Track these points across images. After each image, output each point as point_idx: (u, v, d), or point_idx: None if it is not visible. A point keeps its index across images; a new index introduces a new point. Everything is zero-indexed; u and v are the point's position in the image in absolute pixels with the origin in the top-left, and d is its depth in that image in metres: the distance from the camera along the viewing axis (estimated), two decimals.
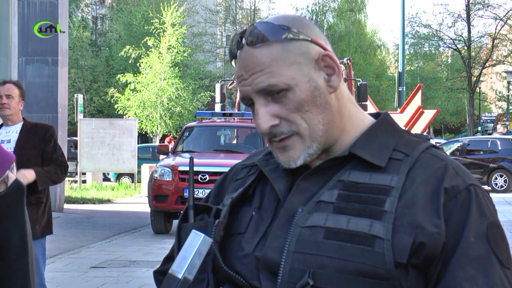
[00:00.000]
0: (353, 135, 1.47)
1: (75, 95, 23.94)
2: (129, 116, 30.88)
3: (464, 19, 43.86)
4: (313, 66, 1.44)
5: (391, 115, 1.57)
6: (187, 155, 13.48)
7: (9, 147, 5.59)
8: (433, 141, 1.49)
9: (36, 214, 5.45)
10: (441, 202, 1.37)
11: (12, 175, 1.77)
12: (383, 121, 1.51)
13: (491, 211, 1.41)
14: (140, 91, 31.85)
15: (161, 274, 1.61)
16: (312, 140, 1.44)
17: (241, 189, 1.53)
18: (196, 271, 1.43)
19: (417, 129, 17.60)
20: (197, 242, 1.44)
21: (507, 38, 45.71)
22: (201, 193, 12.27)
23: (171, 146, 14.72)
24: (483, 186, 1.48)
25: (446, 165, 1.42)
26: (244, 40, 1.46)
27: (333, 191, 1.41)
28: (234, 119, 15.10)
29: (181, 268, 1.42)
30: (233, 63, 1.49)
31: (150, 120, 32.23)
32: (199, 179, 12.37)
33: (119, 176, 26.15)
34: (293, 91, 1.42)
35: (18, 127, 5.69)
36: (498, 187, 22.62)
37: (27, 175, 5.36)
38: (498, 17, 44.09)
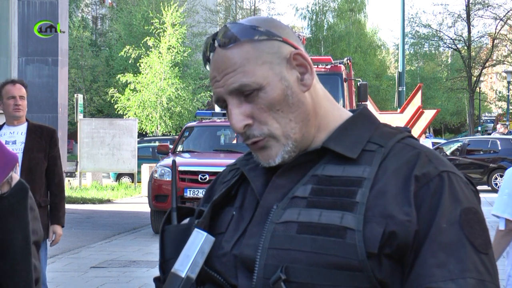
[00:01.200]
0: (329, 131, 1.48)
1: (75, 95, 23.94)
2: (129, 116, 30.88)
3: (464, 19, 43.86)
4: (285, 65, 1.45)
5: (392, 114, 1.57)
6: (187, 155, 13.48)
7: (15, 149, 5.61)
8: (429, 140, 1.48)
9: (45, 216, 5.58)
10: (412, 190, 1.37)
11: (16, 175, 1.78)
12: (359, 115, 1.51)
13: (467, 197, 1.39)
14: (140, 91, 31.86)
15: (159, 281, 1.62)
16: (286, 138, 1.44)
17: (223, 189, 1.54)
18: (199, 269, 1.43)
19: (417, 129, 17.59)
20: (199, 241, 1.44)
21: (507, 38, 45.70)
22: (201, 193, 12.27)
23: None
24: (479, 185, 1.46)
25: (419, 153, 1.42)
26: (216, 42, 1.47)
27: (307, 186, 1.42)
28: None
29: (184, 267, 1.42)
30: (207, 67, 1.50)
31: (150, 120, 32.23)
32: (199, 179, 12.38)
33: (119, 176, 26.15)
34: (265, 91, 1.43)
35: (22, 128, 5.70)
36: (498, 187, 22.61)
37: (58, 231, 5.79)
38: (498, 17, 44.09)
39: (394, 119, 16.93)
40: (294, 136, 1.45)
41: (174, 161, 1.66)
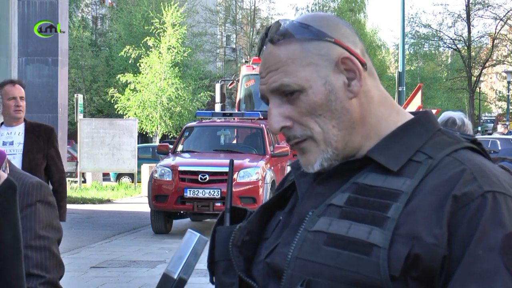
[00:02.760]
0: (378, 140, 1.39)
1: (75, 95, 23.94)
2: (129, 116, 30.88)
3: (464, 19, 43.85)
4: (332, 69, 1.37)
5: None
6: (187, 155, 13.49)
7: (12, 149, 5.61)
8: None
9: None
10: (447, 210, 1.26)
11: (4, 173, 1.77)
12: (415, 121, 1.40)
13: None
14: (140, 91, 31.86)
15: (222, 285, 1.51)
16: (327, 144, 1.37)
17: (276, 192, 1.49)
18: (192, 271, 1.42)
19: None
20: (192, 242, 1.43)
21: (507, 38, 45.68)
22: (201, 193, 12.28)
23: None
24: None
25: (464, 170, 1.29)
26: (268, 37, 1.41)
27: (345, 194, 1.34)
28: (234, 119, 15.11)
29: (176, 268, 1.41)
30: (260, 58, 1.45)
31: (150, 120, 32.23)
32: (199, 179, 12.38)
33: (119, 176, 26.14)
34: (307, 94, 1.37)
35: (20, 128, 5.69)
36: None
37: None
38: (498, 17, 44.07)
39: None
40: (336, 144, 1.37)
41: (231, 161, 1.58)
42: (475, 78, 43.97)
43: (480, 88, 48.80)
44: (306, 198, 1.40)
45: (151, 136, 36.00)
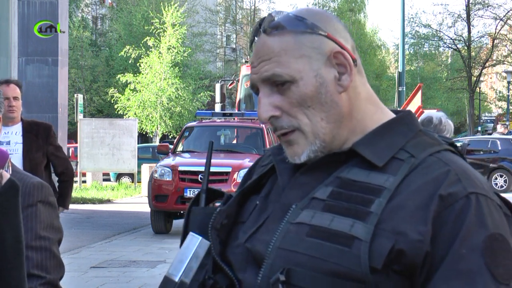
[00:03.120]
0: (363, 134, 1.42)
1: (75, 95, 23.94)
2: (129, 116, 30.88)
3: (464, 19, 43.84)
4: (324, 62, 1.40)
5: None
6: (187, 155, 13.49)
7: (9, 149, 5.61)
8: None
9: None
10: (433, 209, 1.29)
11: (6, 173, 1.76)
12: (398, 120, 1.44)
13: (495, 222, 1.30)
14: (140, 91, 31.87)
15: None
16: (315, 136, 1.40)
17: (255, 177, 1.51)
18: (193, 274, 1.42)
19: None
20: (194, 245, 1.43)
21: (507, 38, 45.68)
22: None
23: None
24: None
25: (449, 171, 1.34)
26: (261, 28, 1.44)
27: (328, 187, 1.37)
28: (234, 119, 15.11)
29: (177, 272, 1.41)
30: (251, 49, 1.48)
31: (150, 120, 32.24)
32: (199, 179, 12.38)
33: (119, 176, 26.14)
34: (297, 85, 1.39)
35: (17, 128, 5.69)
36: (498, 187, 22.61)
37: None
38: (498, 17, 44.07)
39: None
40: (324, 137, 1.40)
41: (211, 142, 1.61)
42: (475, 78, 43.96)
43: (480, 88, 48.79)
44: (289, 187, 1.42)
45: (151, 136, 36.01)
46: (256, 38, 1.45)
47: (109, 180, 26.58)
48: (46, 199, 2.24)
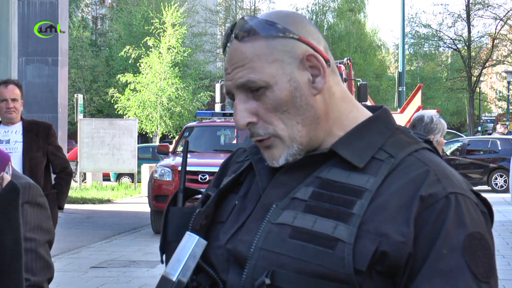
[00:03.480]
0: (341, 135, 1.42)
1: (75, 95, 23.94)
2: (129, 116, 30.88)
3: (464, 19, 43.85)
4: (297, 66, 1.40)
5: (392, 115, 1.51)
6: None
7: (8, 148, 5.61)
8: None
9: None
10: (414, 210, 1.31)
11: (7, 176, 1.76)
12: (376, 118, 1.44)
13: (474, 221, 1.33)
14: (140, 91, 31.86)
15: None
16: (292, 140, 1.40)
17: (232, 176, 1.51)
18: (191, 273, 1.42)
19: None
20: (191, 245, 1.43)
21: (507, 38, 45.68)
22: (201, 193, 12.28)
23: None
24: (479, 185, 1.40)
25: (428, 171, 1.35)
26: (233, 34, 1.43)
27: (308, 188, 1.37)
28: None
29: (175, 271, 1.41)
30: (224, 55, 1.47)
31: (150, 120, 32.23)
32: (199, 179, 12.38)
33: (119, 176, 26.14)
34: (272, 90, 1.39)
35: (17, 127, 5.70)
36: (498, 187, 22.61)
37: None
38: (498, 17, 44.08)
39: (391, 115, 16.94)
40: (300, 140, 1.40)
41: (187, 141, 1.62)
42: (475, 78, 43.97)
43: (480, 88, 48.79)
44: (270, 187, 1.42)
45: (151, 136, 36.01)
46: (228, 43, 1.44)
47: (109, 180, 26.60)
48: (34, 200, 2.23)
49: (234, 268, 1.39)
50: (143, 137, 39.92)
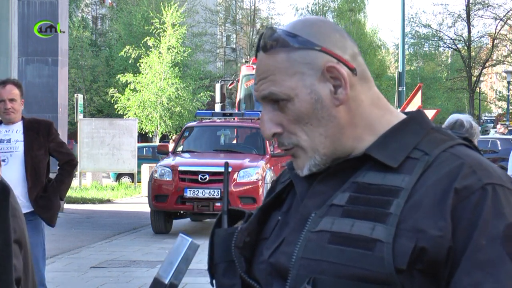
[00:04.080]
0: (373, 139, 1.42)
1: (75, 95, 23.92)
2: (129, 116, 30.88)
3: (464, 19, 43.84)
4: (317, 77, 1.40)
5: None
6: (187, 155, 13.48)
7: (9, 147, 5.61)
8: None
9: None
10: (450, 203, 1.30)
11: None
12: (409, 119, 1.43)
13: None
14: (140, 91, 31.86)
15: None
16: (314, 151, 1.40)
17: (274, 193, 1.51)
18: (183, 276, 1.42)
19: None
20: (183, 247, 1.42)
21: (507, 38, 45.68)
22: (201, 193, 12.28)
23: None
24: None
25: (463, 163, 1.34)
26: (260, 45, 1.45)
27: (345, 193, 1.37)
28: (234, 119, 15.10)
29: (167, 274, 1.41)
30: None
31: (150, 120, 32.23)
32: (199, 179, 12.37)
33: (119, 176, 26.14)
34: (293, 103, 1.40)
35: (18, 126, 5.70)
36: None
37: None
38: (498, 17, 44.07)
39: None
40: (323, 151, 1.40)
41: (226, 163, 1.60)
42: (475, 78, 43.96)
43: (480, 88, 48.78)
44: (307, 197, 1.42)
45: (151, 136, 36.00)
46: (258, 54, 1.46)
47: (108, 178, 26.59)
48: None
49: (277, 281, 1.39)
50: (143, 137, 39.91)
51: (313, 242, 1.36)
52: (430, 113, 18.93)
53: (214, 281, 1.52)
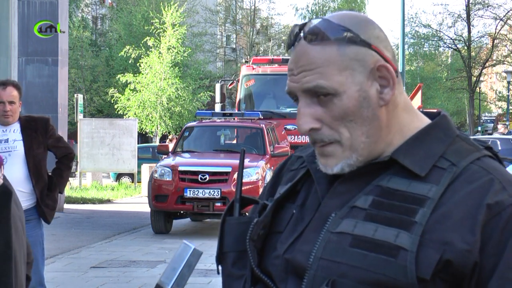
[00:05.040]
0: (399, 144, 1.39)
1: (75, 95, 23.92)
2: (129, 116, 30.88)
3: (464, 19, 43.82)
4: (366, 75, 1.37)
5: None
6: (187, 155, 13.48)
7: (7, 147, 5.62)
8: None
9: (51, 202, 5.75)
10: (480, 219, 1.28)
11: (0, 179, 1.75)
12: (435, 125, 1.41)
13: None
14: (140, 91, 31.87)
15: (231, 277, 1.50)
16: (352, 151, 1.37)
17: (289, 184, 1.48)
18: (186, 283, 1.41)
19: None
20: (186, 254, 1.42)
21: (507, 38, 45.66)
22: (201, 193, 12.28)
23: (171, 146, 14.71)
24: None
25: (492, 179, 1.32)
26: (302, 34, 1.39)
27: (368, 196, 1.35)
28: (234, 119, 15.10)
29: (169, 280, 1.41)
30: (288, 53, 1.43)
31: (150, 120, 32.23)
32: (199, 179, 12.37)
33: (119, 176, 26.14)
34: (340, 98, 1.36)
35: (15, 125, 5.70)
36: None
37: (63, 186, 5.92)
38: (498, 17, 44.04)
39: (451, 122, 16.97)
40: (362, 152, 1.37)
41: (243, 150, 1.57)
42: (475, 78, 43.94)
43: (480, 88, 48.77)
44: (328, 197, 1.40)
45: (151, 136, 36.00)
46: (296, 43, 1.40)
47: (108, 177, 26.59)
48: None
49: (292, 279, 1.37)
50: (143, 137, 39.92)
51: (333, 243, 1.34)
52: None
53: (220, 269, 1.49)
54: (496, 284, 1.28)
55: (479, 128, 46.96)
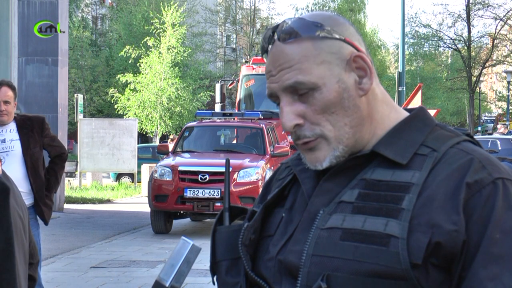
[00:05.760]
0: (381, 136, 1.43)
1: (75, 95, 23.92)
2: (129, 116, 30.88)
3: (464, 19, 43.81)
4: (344, 67, 1.40)
5: None
6: (187, 155, 13.48)
7: (4, 147, 5.64)
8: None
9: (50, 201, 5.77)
10: (462, 197, 1.31)
11: None
12: (413, 117, 1.45)
13: None
14: (140, 91, 31.87)
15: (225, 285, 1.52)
16: (338, 142, 1.39)
17: (276, 190, 1.50)
18: (184, 279, 1.42)
19: None
20: (185, 250, 1.42)
21: (507, 38, 45.65)
22: (201, 193, 12.28)
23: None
24: None
25: (472, 159, 1.35)
26: (276, 35, 1.42)
27: (354, 190, 1.38)
28: (234, 119, 15.10)
29: (168, 276, 1.41)
30: (264, 57, 1.46)
31: (150, 120, 32.24)
32: (199, 179, 12.37)
33: (119, 176, 26.14)
34: (321, 91, 1.38)
35: (11, 125, 5.71)
36: None
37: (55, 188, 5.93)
38: (498, 17, 44.03)
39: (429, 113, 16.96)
40: (347, 142, 1.40)
41: (227, 160, 1.58)
42: (475, 78, 43.93)
43: (480, 88, 48.76)
44: (315, 195, 1.41)
45: (151, 136, 36.00)
46: (270, 46, 1.43)
47: (108, 177, 26.58)
48: None
49: (287, 279, 1.39)
50: (143, 137, 39.92)
51: (324, 239, 1.35)
52: (430, 113, 18.92)
53: (215, 279, 1.51)
54: (481, 260, 1.29)
55: (479, 128, 46.96)
